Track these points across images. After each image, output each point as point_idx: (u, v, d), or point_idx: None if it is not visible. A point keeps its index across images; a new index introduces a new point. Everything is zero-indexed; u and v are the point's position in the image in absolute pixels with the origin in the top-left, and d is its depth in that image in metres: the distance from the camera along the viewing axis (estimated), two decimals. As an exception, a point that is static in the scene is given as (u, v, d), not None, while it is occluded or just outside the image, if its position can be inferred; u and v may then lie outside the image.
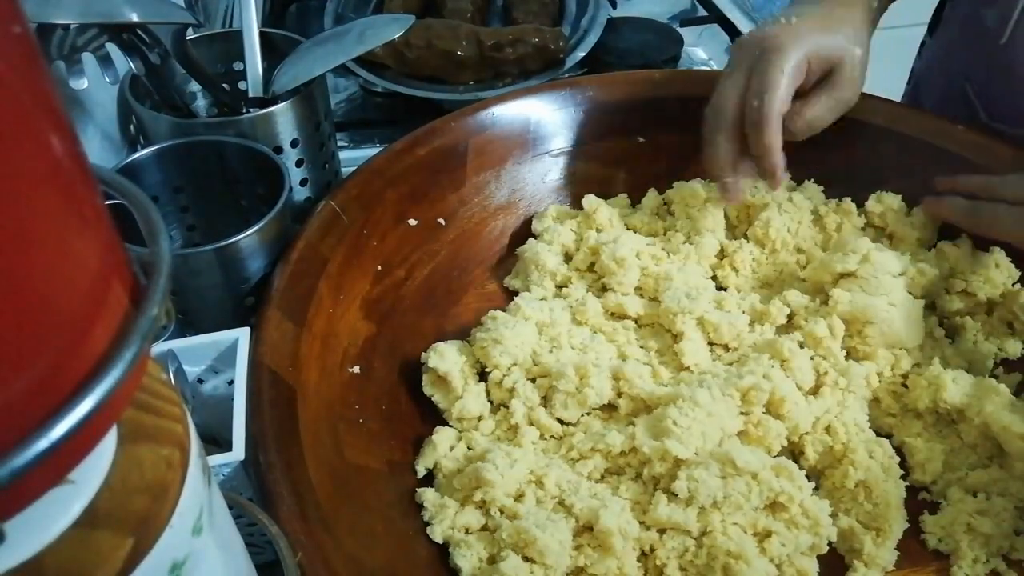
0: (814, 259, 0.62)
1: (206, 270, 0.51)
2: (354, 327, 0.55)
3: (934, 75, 0.79)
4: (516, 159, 0.67)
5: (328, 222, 0.56)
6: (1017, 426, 0.49)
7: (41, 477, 0.18)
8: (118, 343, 0.19)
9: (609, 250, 0.60)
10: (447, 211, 0.64)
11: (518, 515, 0.46)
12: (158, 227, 0.23)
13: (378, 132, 0.86)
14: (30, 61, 0.17)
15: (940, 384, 0.53)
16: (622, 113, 0.70)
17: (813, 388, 0.54)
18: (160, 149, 0.56)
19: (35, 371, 0.17)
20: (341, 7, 0.95)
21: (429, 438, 0.52)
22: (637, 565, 0.46)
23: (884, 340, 0.56)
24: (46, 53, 0.54)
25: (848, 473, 0.49)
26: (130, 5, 0.53)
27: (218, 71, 0.65)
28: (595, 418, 0.53)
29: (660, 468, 0.48)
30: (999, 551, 0.48)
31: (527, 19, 0.90)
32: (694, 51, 0.99)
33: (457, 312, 0.62)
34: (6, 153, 0.16)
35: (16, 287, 0.16)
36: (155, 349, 0.46)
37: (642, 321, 0.60)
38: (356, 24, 0.62)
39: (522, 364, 0.54)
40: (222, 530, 0.27)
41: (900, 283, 0.57)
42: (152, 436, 0.23)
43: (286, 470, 0.44)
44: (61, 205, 0.18)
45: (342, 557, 0.42)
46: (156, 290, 0.20)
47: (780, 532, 0.46)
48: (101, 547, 0.21)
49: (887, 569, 0.47)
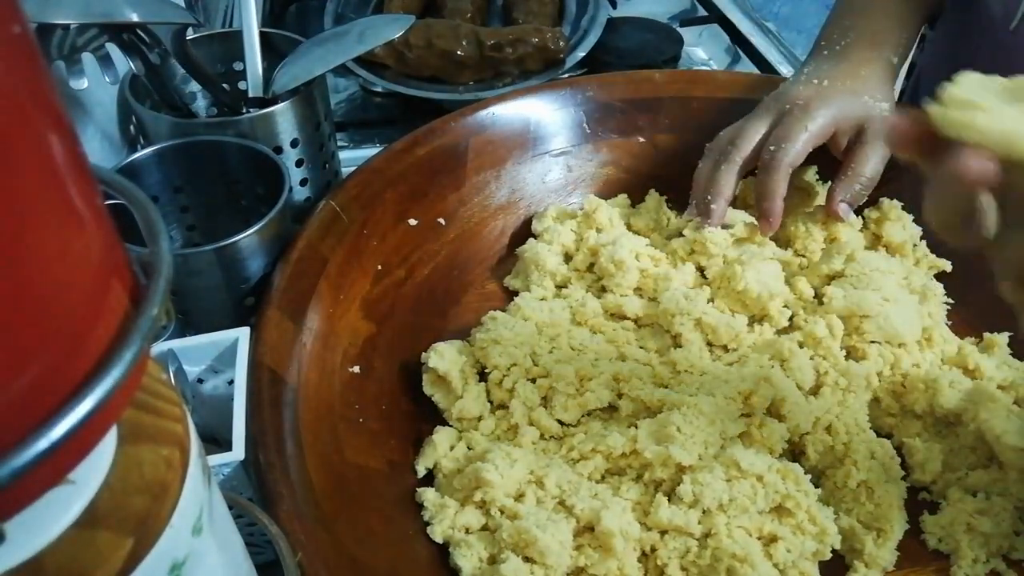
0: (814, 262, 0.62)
1: (206, 270, 0.51)
2: (354, 327, 0.55)
3: (938, 66, 0.79)
4: (516, 159, 0.67)
5: (328, 222, 0.56)
6: (1010, 438, 0.49)
7: (41, 477, 0.18)
8: (118, 343, 0.19)
9: (608, 252, 0.60)
10: (447, 211, 0.64)
11: (518, 515, 0.46)
12: (158, 227, 0.23)
13: (378, 132, 0.86)
14: (30, 61, 0.17)
15: (937, 388, 0.52)
16: (622, 113, 0.70)
17: (813, 388, 0.54)
18: (160, 149, 0.56)
19: (35, 371, 0.17)
20: (341, 7, 0.95)
21: (429, 438, 0.52)
22: (638, 566, 0.46)
23: (882, 335, 0.56)
24: (46, 53, 0.54)
25: (850, 473, 0.49)
26: (130, 5, 0.53)
27: (218, 71, 0.65)
28: (595, 419, 0.53)
29: (662, 473, 0.48)
30: (999, 551, 0.48)
31: (527, 19, 0.90)
32: (694, 51, 0.99)
33: (457, 312, 0.62)
34: (6, 153, 0.16)
35: (16, 287, 0.16)
36: (155, 349, 0.46)
37: (642, 322, 0.59)
38: (356, 24, 0.62)
39: (522, 364, 0.54)
40: (222, 530, 0.27)
41: (891, 279, 0.57)
42: (152, 436, 0.23)
43: (286, 470, 0.44)
44: (61, 205, 0.18)
45: (342, 557, 0.42)
46: (156, 290, 0.20)
47: (786, 537, 0.46)
48: (101, 547, 0.21)
49: (887, 569, 0.47)
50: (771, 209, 0.60)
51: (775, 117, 0.61)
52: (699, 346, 0.56)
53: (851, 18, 0.66)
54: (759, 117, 0.62)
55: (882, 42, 0.64)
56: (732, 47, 1.00)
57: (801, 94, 0.60)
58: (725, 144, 0.62)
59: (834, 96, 0.60)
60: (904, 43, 0.66)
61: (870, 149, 0.61)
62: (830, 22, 0.67)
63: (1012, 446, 0.49)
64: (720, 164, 0.61)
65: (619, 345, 0.57)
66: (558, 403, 0.52)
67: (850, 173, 0.61)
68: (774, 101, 0.62)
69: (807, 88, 0.61)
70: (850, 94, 0.60)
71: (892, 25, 0.65)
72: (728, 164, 0.60)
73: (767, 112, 0.61)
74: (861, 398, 0.54)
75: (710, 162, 0.62)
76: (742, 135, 0.61)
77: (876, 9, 0.66)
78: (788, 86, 0.62)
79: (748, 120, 0.62)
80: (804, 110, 0.59)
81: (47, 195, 0.17)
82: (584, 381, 0.53)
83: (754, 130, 0.61)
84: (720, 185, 0.61)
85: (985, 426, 0.50)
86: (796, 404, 0.51)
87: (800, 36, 1.37)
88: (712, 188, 0.61)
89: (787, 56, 0.95)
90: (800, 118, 0.59)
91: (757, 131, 0.61)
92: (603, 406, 0.53)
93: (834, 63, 0.63)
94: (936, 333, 0.57)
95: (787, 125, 0.59)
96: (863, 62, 0.62)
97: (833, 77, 0.61)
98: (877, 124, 0.61)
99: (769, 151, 0.59)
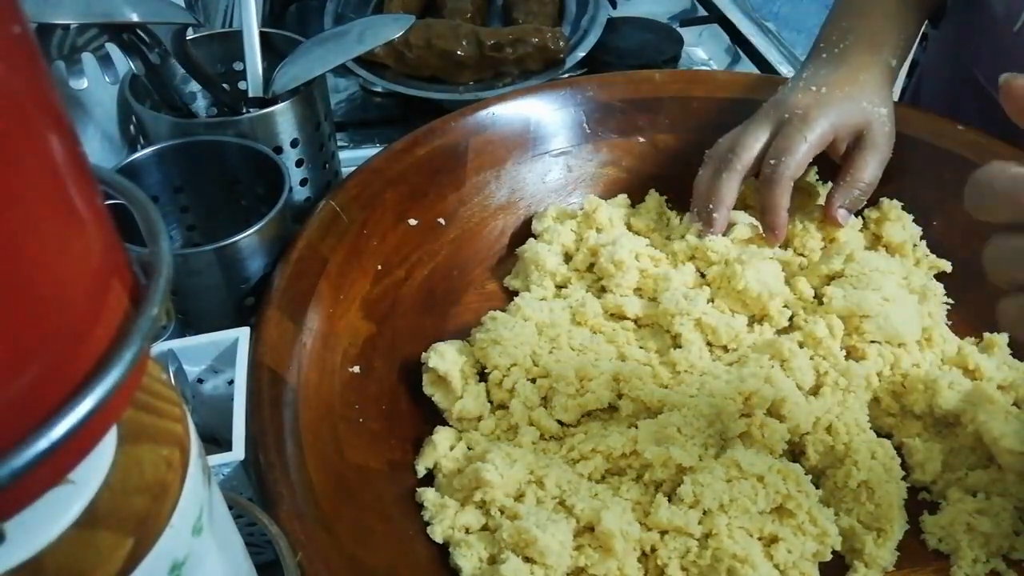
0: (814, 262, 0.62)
1: (206, 270, 0.51)
2: (354, 327, 0.55)
3: (940, 66, 0.79)
4: (516, 159, 0.67)
5: (328, 222, 0.56)
6: (1008, 441, 0.49)
7: (41, 477, 0.18)
8: (118, 343, 0.19)
9: (608, 252, 0.60)
10: (447, 211, 0.64)
11: (518, 515, 0.46)
12: (158, 227, 0.22)
13: (378, 132, 0.86)
14: (30, 61, 0.17)
15: (936, 390, 0.52)
16: (622, 113, 0.70)
17: (813, 388, 0.54)
18: (160, 149, 0.56)
19: (35, 371, 0.17)
20: (341, 7, 0.95)
21: (429, 438, 0.52)
22: (638, 566, 0.46)
23: (882, 334, 0.56)
24: (46, 53, 0.54)
25: (851, 473, 0.49)
26: (130, 5, 0.53)
27: (218, 71, 0.65)
28: (595, 419, 0.53)
29: (662, 473, 0.48)
30: (999, 551, 0.48)
31: (527, 19, 0.90)
32: (694, 51, 0.99)
33: (457, 312, 0.62)
34: (6, 153, 0.16)
35: (16, 287, 0.16)
36: (155, 349, 0.46)
37: (642, 322, 0.59)
38: (356, 24, 0.62)
39: (522, 364, 0.54)
40: (222, 530, 0.27)
41: (891, 279, 0.57)
42: (152, 436, 0.23)
43: (286, 470, 0.44)
44: (61, 205, 0.18)
45: (342, 557, 0.42)
46: (156, 290, 0.20)
47: (787, 538, 0.46)
48: (101, 547, 0.21)
49: (887, 569, 0.47)
50: (776, 222, 0.61)
51: (774, 125, 0.61)
52: (699, 346, 0.56)
53: (850, 19, 0.66)
54: (758, 124, 0.62)
55: (881, 44, 0.64)
56: (732, 47, 1.00)
57: (800, 102, 0.60)
58: (725, 151, 0.62)
59: (833, 103, 0.60)
60: (903, 44, 0.66)
61: (868, 155, 0.61)
62: (829, 23, 0.67)
63: (1009, 449, 0.49)
64: (721, 172, 0.61)
65: (619, 345, 0.57)
66: (558, 403, 0.52)
67: (849, 179, 0.61)
68: (773, 108, 0.62)
69: (806, 96, 0.61)
70: (848, 100, 0.61)
71: (891, 26, 0.65)
72: (729, 172, 0.61)
73: (766, 119, 0.61)
74: (861, 398, 0.54)
75: (710, 169, 0.62)
76: (741, 142, 0.61)
77: (875, 10, 0.66)
78: (787, 93, 0.62)
79: (747, 127, 0.62)
80: (803, 120, 0.59)
81: (47, 195, 0.17)
82: (584, 381, 0.53)
83: (753, 137, 0.61)
84: (722, 194, 0.61)
85: (983, 428, 0.50)
86: (796, 404, 0.51)
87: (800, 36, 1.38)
88: (714, 197, 0.61)
89: (787, 56, 0.95)
90: (799, 128, 0.59)
91: (757, 139, 0.61)
92: (603, 406, 0.53)
93: (833, 67, 0.63)
94: (936, 333, 0.57)
95: (787, 136, 0.59)
96: (862, 66, 0.62)
97: (831, 83, 0.61)
98: (875, 129, 0.61)
99: (770, 164, 0.60)
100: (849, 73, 0.62)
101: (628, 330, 0.59)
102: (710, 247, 0.60)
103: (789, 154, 0.59)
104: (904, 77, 0.89)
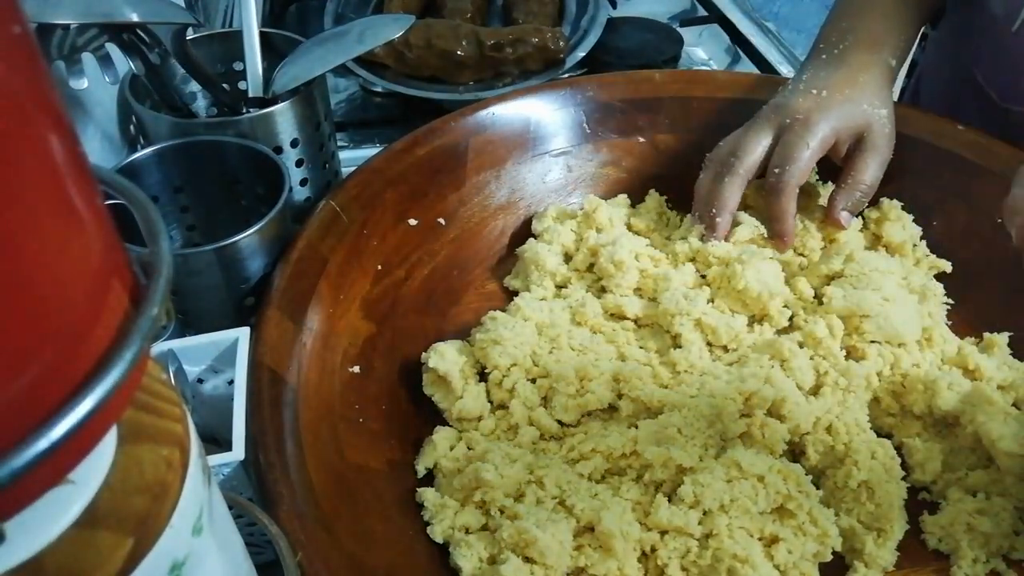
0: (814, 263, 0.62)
1: (206, 270, 0.51)
2: (354, 327, 0.55)
3: (939, 66, 0.79)
4: (516, 159, 0.67)
5: (328, 222, 0.56)
6: (1006, 443, 0.49)
7: (41, 477, 0.18)
8: (118, 343, 0.19)
9: (608, 252, 0.60)
10: (447, 211, 0.64)
11: (518, 515, 0.46)
12: (158, 227, 0.22)
13: (378, 132, 0.86)
14: (30, 61, 0.17)
15: (935, 390, 0.52)
16: (622, 113, 0.70)
17: (813, 388, 0.54)
18: (160, 149, 0.56)
19: (35, 371, 0.17)
20: (341, 7, 0.95)
21: (429, 438, 0.52)
22: (638, 566, 0.46)
23: (882, 334, 0.56)
24: (46, 53, 0.54)
25: (851, 473, 0.49)
26: (130, 5, 0.53)
27: (218, 71, 0.65)
28: (595, 419, 0.53)
29: (662, 473, 0.48)
30: (999, 551, 0.48)
31: (527, 19, 0.90)
32: (694, 51, 0.99)
33: (457, 312, 0.62)
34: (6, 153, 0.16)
35: (16, 287, 0.16)
36: (155, 349, 0.46)
37: (642, 322, 0.59)
38: (356, 24, 0.62)
39: (522, 364, 0.54)
40: (222, 530, 0.27)
41: (891, 279, 0.57)
42: (152, 436, 0.23)
43: (286, 470, 0.44)
44: (61, 205, 0.18)
45: (342, 557, 0.42)
46: (156, 290, 0.20)
47: (787, 538, 0.46)
48: (101, 547, 0.21)
49: (887, 569, 0.47)
50: (784, 230, 0.61)
51: (776, 129, 0.61)
52: (699, 346, 0.56)
53: (849, 20, 0.66)
54: (760, 128, 0.61)
55: (881, 45, 0.64)
56: (732, 47, 1.00)
57: (801, 106, 0.60)
58: (726, 156, 0.62)
59: (833, 107, 0.60)
60: (903, 45, 0.66)
61: (869, 157, 0.61)
62: (828, 23, 0.67)
63: (1008, 451, 0.49)
64: (723, 176, 0.61)
65: (619, 345, 0.57)
66: (558, 403, 0.52)
67: (850, 181, 0.61)
68: (774, 112, 0.62)
69: (806, 100, 0.61)
70: (849, 103, 0.61)
71: (891, 27, 0.65)
72: (731, 176, 0.61)
73: (767, 123, 0.61)
74: (861, 398, 0.54)
75: (711, 174, 0.62)
76: (743, 147, 0.61)
77: (875, 11, 0.66)
78: (787, 96, 0.62)
79: (748, 131, 0.62)
80: (804, 125, 0.60)
81: (47, 195, 0.17)
82: (584, 381, 0.53)
83: (755, 141, 0.61)
84: (724, 198, 0.61)
85: (982, 430, 0.50)
86: (796, 404, 0.51)
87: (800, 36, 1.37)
88: (716, 201, 0.61)
89: (787, 56, 0.95)
90: (801, 134, 0.59)
91: (759, 142, 0.61)
92: (603, 406, 0.53)
93: (832, 69, 0.63)
94: (936, 333, 0.57)
95: (789, 143, 0.60)
96: (861, 68, 0.62)
97: (831, 85, 0.61)
98: (876, 131, 0.61)
99: (775, 173, 0.60)
100: (849, 74, 0.62)
101: (628, 330, 0.59)
102: (712, 252, 0.60)
103: (793, 162, 0.59)
104: (904, 77, 0.89)
